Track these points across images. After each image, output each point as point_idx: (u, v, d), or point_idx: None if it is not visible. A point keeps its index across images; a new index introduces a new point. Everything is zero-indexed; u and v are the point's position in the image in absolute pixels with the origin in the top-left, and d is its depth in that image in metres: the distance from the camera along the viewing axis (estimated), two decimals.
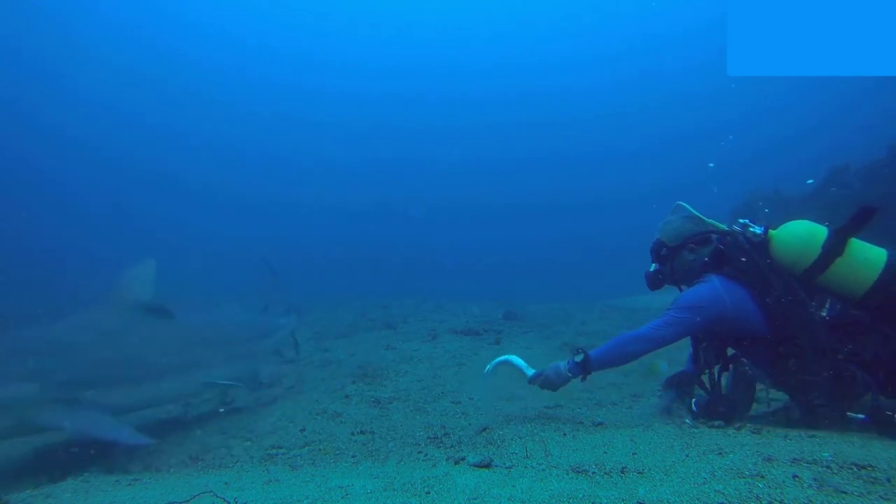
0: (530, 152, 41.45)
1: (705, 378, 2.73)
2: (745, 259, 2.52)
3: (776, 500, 1.40)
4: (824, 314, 2.45)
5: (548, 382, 2.70)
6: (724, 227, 2.75)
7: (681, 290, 2.77)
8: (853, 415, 2.23)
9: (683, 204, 2.87)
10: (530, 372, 2.81)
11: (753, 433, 2.24)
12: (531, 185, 40.20)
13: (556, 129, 41.46)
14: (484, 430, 2.84)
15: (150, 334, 3.64)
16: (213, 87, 40.47)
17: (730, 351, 2.75)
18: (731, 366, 2.73)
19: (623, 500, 1.51)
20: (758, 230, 2.56)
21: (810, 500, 1.39)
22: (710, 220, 2.78)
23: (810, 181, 9.53)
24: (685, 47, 37.62)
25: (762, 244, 2.53)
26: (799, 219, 2.59)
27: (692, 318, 2.50)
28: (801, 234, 2.47)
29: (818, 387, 2.30)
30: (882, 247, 2.39)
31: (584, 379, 2.66)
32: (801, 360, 2.34)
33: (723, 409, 2.49)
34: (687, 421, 2.55)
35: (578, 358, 2.62)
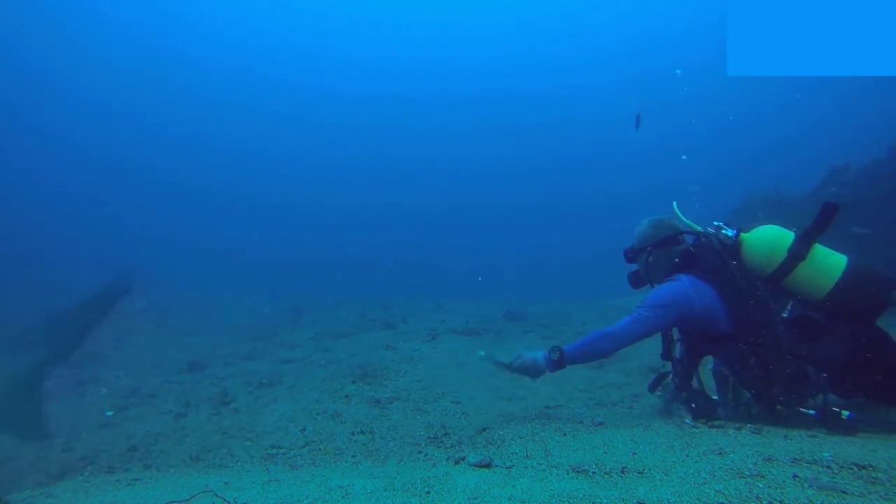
0: (528, 153, 41.33)
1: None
2: (714, 260, 2.62)
3: (776, 500, 1.40)
4: (785, 315, 2.57)
5: (524, 371, 2.85)
6: (699, 228, 2.83)
7: (652, 288, 2.85)
8: (805, 410, 2.34)
9: (674, 206, 2.96)
10: (502, 358, 2.97)
11: (754, 433, 2.24)
12: (530, 185, 40.10)
13: (554, 130, 41.34)
14: (484, 430, 2.85)
15: None
16: (213, 86, 40.43)
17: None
18: (699, 363, 2.82)
19: (623, 500, 1.51)
20: (730, 233, 2.67)
21: (811, 501, 1.39)
22: (687, 222, 2.87)
23: None
24: (685, 48, 37.58)
25: (733, 247, 2.64)
26: (794, 219, 2.70)
27: (658, 315, 2.60)
28: (768, 238, 2.59)
29: (775, 383, 2.40)
30: (843, 253, 2.52)
31: (554, 370, 2.77)
32: (761, 357, 2.43)
33: (706, 407, 2.60)
34: (687, 421, 2.56)
35: (555, 356, 2.74)
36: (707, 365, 2.86)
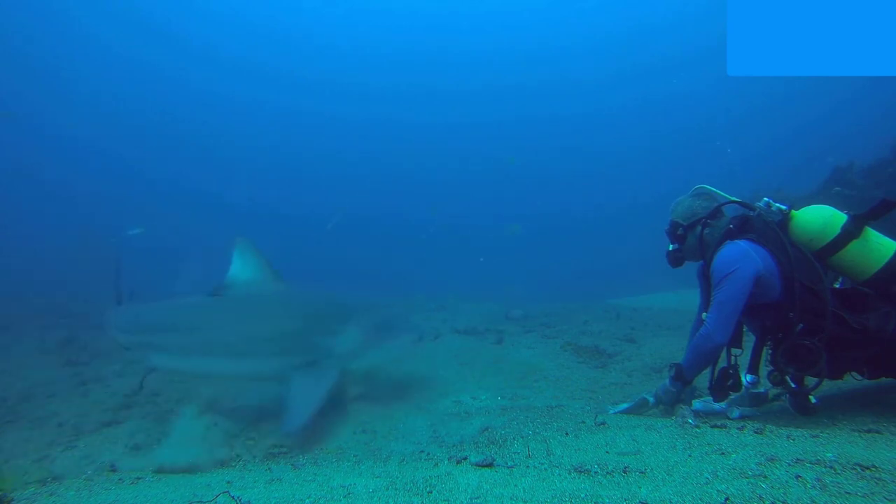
0: (527, 152, 40.87)
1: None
2: (767, 228, 2.66)
3: (779, 501, 1.39)
4: (837, 286, 2.62)
5: (663, 402, 2.89)
6: (737, 199, 2.88)
7: (707, 262, 2.83)
8: (775, 389, 2.47)
9: (706, 186, 2.98)
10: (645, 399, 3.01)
11: (756, 433, 2.23)
12: (530, 185, 39.81)
13: (551, 129, 40.91)
14: (486, 429, 2.85)
15: None
16: (214, 85, 40.41)
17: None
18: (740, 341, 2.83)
19: (625, 499, 1.51)
20: (783, 207, 2.71)
21: (813, 501, 1.39)
22: (724, 195, 2.91)
23: None
24: (684, 45, 37.35)
25: (782, 222, 2.68)
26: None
27: (735, 282, 2.57)
28: (823, 214, 2.64)
29: (807, 356, 2.41)
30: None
31: (681, 386, 2.80)
32: (809, 324, 2.46)
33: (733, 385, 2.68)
34: (689, 421, 2.55)
35: (672, 371, 2.81)
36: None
